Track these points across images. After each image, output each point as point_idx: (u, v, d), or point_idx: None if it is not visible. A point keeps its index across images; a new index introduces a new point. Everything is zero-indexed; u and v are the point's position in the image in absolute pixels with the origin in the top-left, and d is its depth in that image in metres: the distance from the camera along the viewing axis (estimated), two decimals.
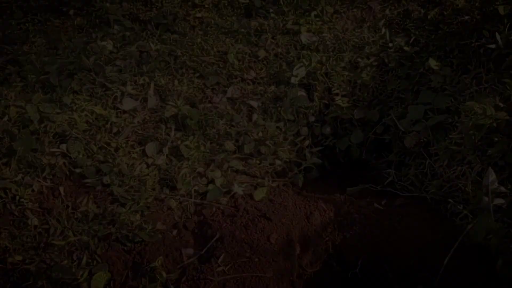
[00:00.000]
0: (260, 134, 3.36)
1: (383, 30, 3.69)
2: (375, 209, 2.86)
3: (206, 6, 4.38)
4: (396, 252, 2.63)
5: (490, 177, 2.29)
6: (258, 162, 3.25)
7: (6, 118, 2.97)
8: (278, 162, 3.31)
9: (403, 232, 2.65)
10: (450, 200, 2.56)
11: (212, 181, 2.95)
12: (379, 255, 2.71)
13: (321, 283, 2.79)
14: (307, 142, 3.53)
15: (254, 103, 3.56)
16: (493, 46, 2.98)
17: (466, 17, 3.36)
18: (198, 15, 4.31)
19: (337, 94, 3.61)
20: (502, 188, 2.29)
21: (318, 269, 2.74)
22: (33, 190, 2.70)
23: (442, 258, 2.41)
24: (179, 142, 3.11)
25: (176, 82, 3.54)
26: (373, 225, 2.74)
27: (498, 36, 2.95)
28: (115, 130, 3.08)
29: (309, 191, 3.22)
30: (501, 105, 2.60)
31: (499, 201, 2.25)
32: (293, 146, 3.49)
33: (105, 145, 2.99)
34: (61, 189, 2.72)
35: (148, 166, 2.97)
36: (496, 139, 2.54)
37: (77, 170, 2.83)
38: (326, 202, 2.89)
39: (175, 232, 2.61)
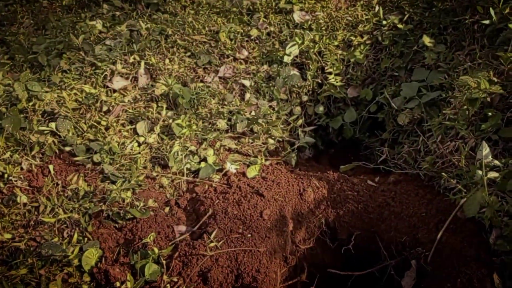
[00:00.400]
0: (253, 113, 3.33)
1: (377, 8, 3.64)
2: (369, 186, 2.85)
3: None
4: (389, 228, 2.62)
5: (484, 150, 2.27)
6: (250, 141, 3.22)
7: None
8: (271, 141, 3.28)
9: (396, 208, 2.64)
10: (443, 174, 2.54)
11: (204, 159, 2.92)
12: (373, 231, 2.70)
13: (314, 259, 2.78)
14: (300, 121, 3.51)
15: (247, 82, 3.52)
16: (487, 22, 2.95)
17: None
18: None
19: (330, 73, 3.57)
20: (496, 162, 2.27)
21: (311, 245, 2.73)
22: (22, 168, 2.66)
23: (435, 233, 2.41)
24: (170, 121, 3.08)
25: (167, 61, 3.49)
26: (366, 201, 2.73)
27: (492, 12, 2.91)
28: (105, 108, 3.03)
29: (302, 170, 3.20)
30: (495, 79, 2.57)
31: (493, 174, 2.23)
32: (286, 126, 3.47)
33: (95, 124, 2.94)
34: (51, 167, 2.68)
35: (139, 144, 2.94)
36: (490, 113, 2.53)
37: (67, 149, 2.79)
38: (319, 180, 2.87)
39: (167, 209, 2.58)
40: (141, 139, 2.95)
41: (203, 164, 2.85)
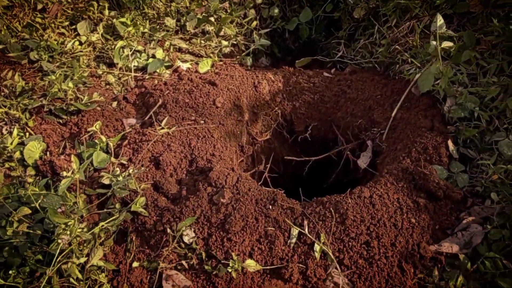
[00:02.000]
0: (204, 14, 3.15)
1: None
2: (325, 77, 2.78)
3: None
4: (345, 114, 2.58)
5: (438, 22, 2.23)
6: (203, 42, 3.07)
7: None
8: (224, 42, 3.13)
9: (352, 94, 2.60)
10: (398, 47, 2.50)
11: (153, 57, 2.76)
12: (329, 121, 2.67)
13: (271, 152, 2.74)
14: (254, 23, 3.36)
15: None
16: None
17: None
18: None
19: None
20: (450, 32, 2.23)
21: (268, 137, 2.68)
22: None
23: (390, 111, 2.39)
24: (114, 20, 2.86)
25: None
26: (322, 92, 2.67)
27: None
28: (40, 7, 2.78)
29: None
30: None
31: (447, 44, 2.20)
32: (240, 28, 3.32)
33: (31, 22, 2.70)
34: None
35: (81, 43, 2.73)
36: None
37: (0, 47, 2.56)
38: (274, 74, 2.78)
39: (114, 104, 2.44)
40: (83, 39, 2.74)
41: (151, 60, 2.69)
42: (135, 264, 1.81)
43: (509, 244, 1.71)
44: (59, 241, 1.56)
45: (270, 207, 1.87)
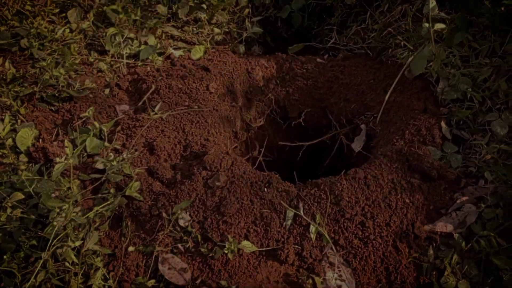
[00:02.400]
0: (196, 1, 3.13)
1: None
2: (318, 63, 2.78)
3: None
4: (339, 100, 2.59)
5: (431, 4, 2.23)
6: (195, 29, 3.05)
7: None
8: (216, 30, 3.11)
9: (345, 80, 2.60)
10: (391, 30, 2.50)
11: (145, 44, 2.74)
12: (323, 107, 2.67)
13: (264, 137, 2.74)
14: (247, 11, 3.35)
15: None
16: None
17: None
18: None
19: None
20: (443, 14, 2.24)
21: (262, 124, 2.67)
22: None
23: (383, 95, 2.39)
24: (104, 7, 2.83)
25: None
26: (316, 78, 2.67)
27: None
28: None
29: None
30: None
31: (439, 26, 2.20)
32: (233, 16, 3.30)
33: (21, 10, 2.67)
34: None
35: (71, 31, 2.70)
36: None
37: None
38: (267, 60, 2.77)
39: (107, 91, 2.41)
40: (74, 26, 2.71)
41: (143, 47, 2.67)
42: (131, 248, 1.80)
43: (503, 223, 1.72)
44: (54, 223, 1.55)
45: (266, 189, 1.87)
